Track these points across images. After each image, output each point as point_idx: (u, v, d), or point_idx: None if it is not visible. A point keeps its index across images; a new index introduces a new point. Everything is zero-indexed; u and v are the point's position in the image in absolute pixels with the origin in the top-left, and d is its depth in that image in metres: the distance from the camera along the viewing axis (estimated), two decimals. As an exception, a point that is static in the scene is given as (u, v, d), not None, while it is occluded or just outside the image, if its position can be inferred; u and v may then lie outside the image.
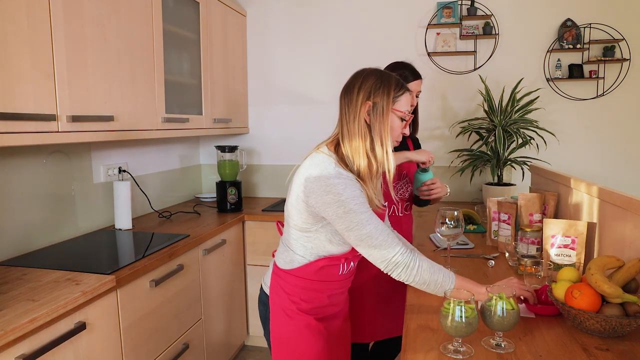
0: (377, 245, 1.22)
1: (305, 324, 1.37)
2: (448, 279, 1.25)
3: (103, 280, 1.51)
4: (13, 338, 1.17)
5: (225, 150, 2.76)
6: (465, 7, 2.89)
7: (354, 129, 1.27)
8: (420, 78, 1.83)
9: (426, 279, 1.24)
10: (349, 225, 1.21)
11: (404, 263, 1.23)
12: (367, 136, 1.26)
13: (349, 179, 1.24)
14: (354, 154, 1.27)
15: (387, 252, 1.22)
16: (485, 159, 2.69)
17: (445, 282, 1.24)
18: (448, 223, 1.58)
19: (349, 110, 1.30)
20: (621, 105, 2.85)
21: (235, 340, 2.70)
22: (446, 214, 1.58)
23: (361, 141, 1.26)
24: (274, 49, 3.21)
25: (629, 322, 1.06)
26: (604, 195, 1.45)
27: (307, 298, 1.37)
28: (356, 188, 1.24)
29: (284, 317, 1.38)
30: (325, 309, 1.42)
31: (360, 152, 1.26)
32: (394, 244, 1.23)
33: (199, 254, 2.20)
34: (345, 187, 1.21)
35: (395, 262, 1.22)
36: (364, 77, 1.31)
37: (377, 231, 1.22)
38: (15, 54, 1.40)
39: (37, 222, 1.93)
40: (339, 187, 1.20)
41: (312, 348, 1.38)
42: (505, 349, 1.05)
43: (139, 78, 2.03)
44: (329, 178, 1.22)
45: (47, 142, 1.53)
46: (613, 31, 2.78)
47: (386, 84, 1.28)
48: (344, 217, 1.21)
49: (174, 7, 2.32)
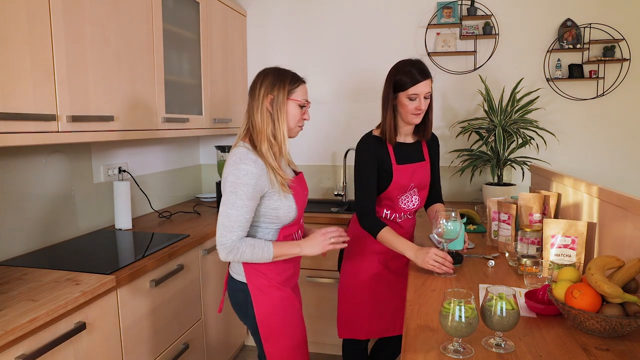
0: (223, 225, 1.45)
1: (282, 296, 1.58)
2: (267, 253, 1.49)
3: (103, 280, 1.51)
4: (13, 338, 1.17)
5: (225, 150, 2.76)
6: (465, 7, 2.89)
7: (258, 119, 1.51)
8: (428, 77, 1.72)
9: (247, 259, 1.48)
10: (224, 200, 1.45)
11: (229, 247, 1.45)
12: (269, 123, 1.51)
13: (256, 162, 1.46)
14: (260, 139, 1.50)
15: (225, 234, 1.45)
16: (485, 159, 2.69)
17: (259, 255, 1.48)
18: (445, 225, 1.57)
19: (253, 104, 1.53)
20: (621, 105, 2.85)
21: (235, 340, 2.70)
22: (443, 215, 1.57)
23: (264, 127, 1.50)
24: (274, 49, 3.21)
25: (629, 322, 1.06)
26: (604, 195, 1.45)
27: (279, 271, 1.58)
28: (254, 177, 1.45)
29: (263, 296, 1.56)
30: (293, 277, 1.67)
31: (265, 136, 1.50)
32: (236, 232, 1.45)
33: (199, 254, 2.20)
34: (246, 173, 1.44)
35: (221, 243, 1.46)
36: (264, 75, 1.54)
37: (235, 217, 1.44)
38: (15, 54, 1.40)
39: (37, 222, 1.93)
40: (241, 171, 1.44)
41: (291, 316, 1.60)
42: (505, 349, 1.05)
43: (139, 78, 2.03)
44: (239, 162, 1.46)
45: (47, 142, 1.53)
46: (613, 31, 2.78)
47: (283, 79, 1.52)
48: (227, 194, 1.45)
49: (174, 7, 2.32)
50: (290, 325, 1.60)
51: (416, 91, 1.70)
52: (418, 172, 1.86)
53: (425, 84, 1.71)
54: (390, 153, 1.81)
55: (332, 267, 2.63)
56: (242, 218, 1.45)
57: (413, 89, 1.70)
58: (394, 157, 1.81)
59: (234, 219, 1.44)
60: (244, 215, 1.45)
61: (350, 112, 3.14)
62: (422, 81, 1.71)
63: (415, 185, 1.86)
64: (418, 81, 1.70)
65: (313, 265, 2.71)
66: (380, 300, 1.91)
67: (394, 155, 1.82)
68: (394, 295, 1.91)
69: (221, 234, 1.45)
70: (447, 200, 3.09)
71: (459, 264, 1.66)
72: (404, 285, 1.81)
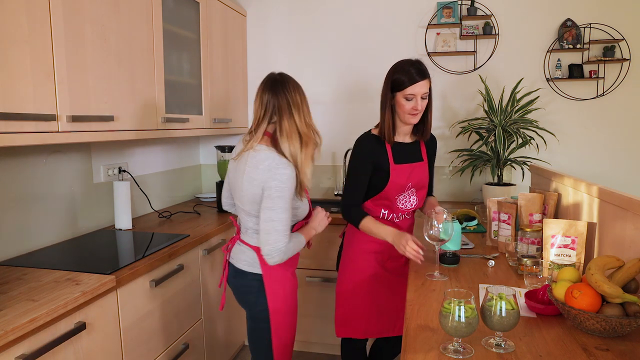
0: (277, 231, 1.51)
1: (293, 285, 1.71)
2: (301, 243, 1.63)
3: (103, 280, 1.51)
4: (13, 338, 1.17)
5: (225, 150, 2.76)
6: (465, 7, 2.89)
7: (305, 129, 1.59)
8: (425, 78, 1.71)
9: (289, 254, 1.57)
10: (273, 205, 1.50)
11: (284, 250, 1.53)
12: (296, 133, 1.58)
13: (290, 166, 1.53)
14: (292, 146, 1.56)
15: (281, 239, 1.51)
16: (485, 159, 2.69)
17: (298, 246, 1.61)
18: (436, 227, 1.57)
19: (303, 109, 1.61)
20: (621, 105, 2.85)
21: (235, 340, 2.70)
22: (434, 217, 1.57)
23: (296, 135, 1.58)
24: (274, 49, 3.21)
25: (629, 322, 1.06)
26: (604, 195, 1.45)
27: (292, 261, 1.70)
28: (293, 180, 1.53)
29: (277, 285, 1.65)
30: (296, 264, 1.79)
31: (295, 144, 1.56)
32: (288, 235, 1.53)
33: (199, 254, 2.20)
34: (288, 178, 1.51)
35: (278, 249, 1.52)
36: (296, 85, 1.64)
37: (285, 220, 1.52)
38: (15, 54, 1.40)
39: (37, 222, 1.93)
40: (284, 176, 1.51)
41: (295, 306, 1.74)
42: (505, 349, 1.05)
43: (139, 78, 2.03)
44: (277, 168, 1.52)
45: (47, 142, 1.53)
46: (613, 31, 2.78)
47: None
48: (274, 199, 1.51)
49: (174, 7, 2.32)
50: (295, 314, 1.73)
51: (413, 91, 1.70)
52: (416, 172, 1.86)
53: (422, 85, 1.70)
54: (388, 152, 1.81)
55: (331, 267, 2.63)
56: (289, 221, 1.54)
57: (410, 89, 1.70)
58: (391, 156, 1.81)
59: (286, 222, 1.51)
60: (290, 218, 1.54)
61: (350, 112, 3.14)
62: (420, 81, 1.69)
63: (413, 185, 1.85)
64: (415, 81, 1.69)
65: (313, 265, 2.70)
66: (379, 300, 1.91)
67: (391, 154, 1.82)
68: (393, 295, 1.91)
69: (276, 240, 1.50)
70: (447, 200, 3.09)
71: (455, 264, 1.67)
72: (404, 286, 1.81)
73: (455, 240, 1.66)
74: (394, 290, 1.91)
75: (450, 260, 1.66)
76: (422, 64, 1.74)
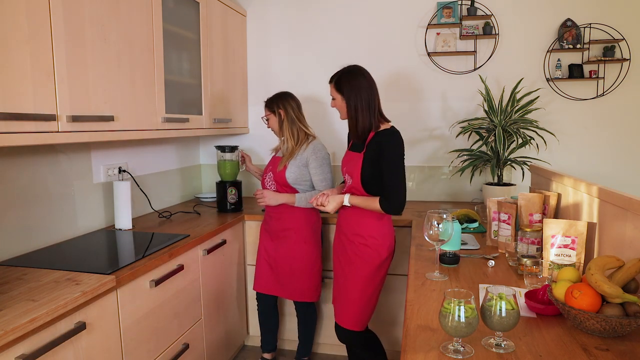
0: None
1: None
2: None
3: (103, 280, 1.51)
4: (13, 338, 1.17)
5: (225, 150, 2.76)
6: (465, 7, 2.89)
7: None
8: (331, 82, 2.05)
9: None
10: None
11: None
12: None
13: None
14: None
15: None
16: (485, 159, 2.69)
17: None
18: (436, 226, 1.57)
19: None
20: (621, 105, 2.85)
21: (235, 340, 2.70)
22: (434, 217, 1.57)
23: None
24: (274, 49, 3.21)
25: (629, 322, 1.06)
26: (604, 195, 1.45)
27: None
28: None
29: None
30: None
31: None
32: None
33: (199, 254, 2.20)
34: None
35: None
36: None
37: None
38: (15, 54, 1.40)
39: (37, 222, 1.93)
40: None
41: None
42: (505, 349, 1.05)
43: (139, 78, 2.03)
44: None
45: (47, 142, 1.53)
46: (613, 31, 2.78)
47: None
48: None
49: (174, 7, 2.32)
50: None
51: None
52: (348, 159, 2.10)
53: (331, 88, 2.05)
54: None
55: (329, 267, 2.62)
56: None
57: None
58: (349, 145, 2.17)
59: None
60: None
61: (350, 112, 3.14)
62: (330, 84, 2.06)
63: (346, 170, 2.09)
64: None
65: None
66: (341, 291, 2.15)
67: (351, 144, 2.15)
68: (349, 289, 2.09)
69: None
70: (447, 200, 3.09)
71: (455, 264, 1.67)
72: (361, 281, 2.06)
73: (455, 240, 1.66)
74: (347, 283, 2.12)
75: (450, 260, 1.66)
76: (345, 70, 2.00)
